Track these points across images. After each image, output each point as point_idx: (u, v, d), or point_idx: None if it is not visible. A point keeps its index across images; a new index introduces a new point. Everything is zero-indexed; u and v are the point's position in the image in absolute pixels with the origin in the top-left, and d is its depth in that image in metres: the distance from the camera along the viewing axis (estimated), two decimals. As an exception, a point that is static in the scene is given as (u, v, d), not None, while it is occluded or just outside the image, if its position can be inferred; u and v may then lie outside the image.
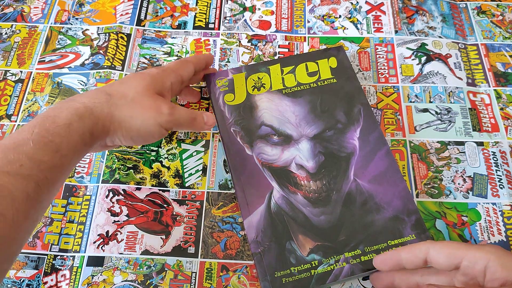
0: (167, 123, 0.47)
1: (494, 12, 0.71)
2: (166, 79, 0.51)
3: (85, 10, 0.71)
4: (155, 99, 0.48)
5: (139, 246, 0.53)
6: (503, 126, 0.60)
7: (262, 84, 0.59)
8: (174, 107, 0.49)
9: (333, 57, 0.61)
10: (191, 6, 0.72)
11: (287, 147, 0.54)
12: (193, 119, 0.51)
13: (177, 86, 0.53)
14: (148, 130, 0.47)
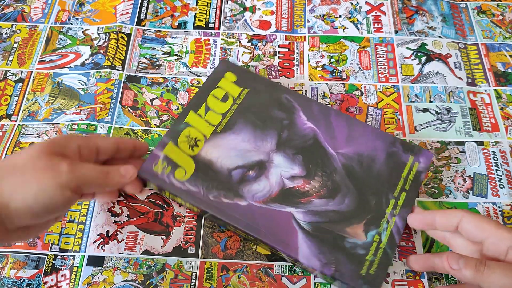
0: (69, 182, 0.41)
1: (494, 12, 0.71)
2: (71, 141, 0.45)
3: (85, 10, 0.71)
4: (51, 158, 0.41)
5: (139, 246, 0.53)
6: (503, 126, 0.60)
7: (194, 139, 0.55)
8: (77, 163, 0.43)
9: (228, 72, 0.59)
10: (191, 6, 0.72)
11: (267, 172, 0.53)
12: (105, 174, 0.45)
13: (88, 152, 0.47)
14: (47, 194, 0.40)
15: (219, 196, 0.51)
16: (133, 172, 0.48)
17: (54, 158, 0.41)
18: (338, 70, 0.65)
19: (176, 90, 0.63)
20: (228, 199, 0.51)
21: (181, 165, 0.53)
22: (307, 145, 0.54)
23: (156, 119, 0.61)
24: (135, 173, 0.48)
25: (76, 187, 0.41)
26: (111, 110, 0.61)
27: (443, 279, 0.51)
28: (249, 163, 0.53)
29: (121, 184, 0.47)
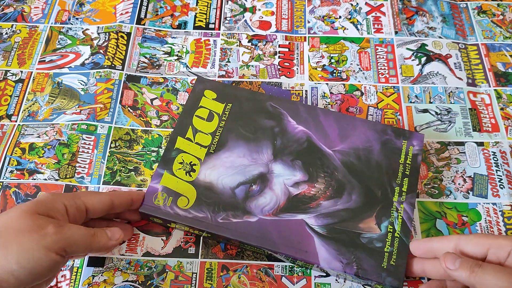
0: (55, 243, 0.38)
1: (495, 12, 0.71)
2: (57, 200, 0.43)
3: (85, 10, 0.71)
4: (36, 219, 0.39)
5: (140, 247, 0.53)
6: (503, 126, 0.60)
7: (190, 164, 0.53)
8: (63, 225, 0.40)
9: (206, 90, 0.58)
10: (191, 6, 0.72)
11: (270, 183, 0.52)
12: (91, 236, 0.43)
13: (76, 212, 0.44)
14: (32, 257, 0.37)
15: (228, 217, 0.50)
16: (119, 234, 0.46)
17: (40, 219, 0.39)
18: (338, 71, 0.65)
19: (176, 90, 0.63)
20: (237, 218, 0.50)
21: (182, 193, 0.52)
22: (303, 149, 0.54)
23: (156, 119, 0.61)
24: (121, 236, 0.46)
25: (61, 250, 0.39)
26: (111, 110, 0.61)
27: (443, 279, 0.51)
28: (250, 178, 0.52)
29: (108, 247, 0.45)
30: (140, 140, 0.59)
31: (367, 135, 0.55)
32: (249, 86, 0.63)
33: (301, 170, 0.53)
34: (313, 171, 0.53)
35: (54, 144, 0.59)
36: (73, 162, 0.57)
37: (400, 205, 0.51)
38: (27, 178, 0.56)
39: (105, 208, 0.47)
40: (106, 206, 0.47)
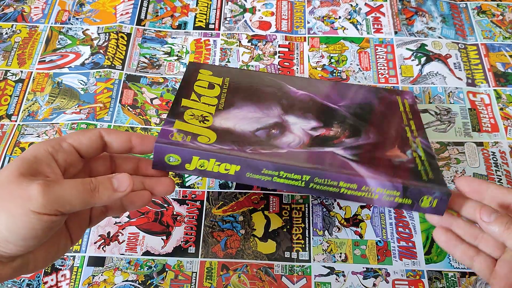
0: (44, 206, 0.34)
1: (494, 12, 0.71)
2: (41, 150, 0.38)
3: (86, 10, 0.71)
4: (19, 183, 0.35)
5: (140, 247, 0.53)
6: (502, 126, 0.60)
7: (201, 116, 0.50)
8: (52, 183, 0.35)
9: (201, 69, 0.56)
10: (192, 7, 0.72)
11: (289, 128, 0.51)
12: (89, 190, 0.36)
13: (66, 156, 0.39)
14: (21, 223, 0.34)
15: (256, 149, 0.46)
16: (127, 183, 0.38)
17: (24, 181, 0.35)
18: (338, 71, 0.65)
19: (176, 91, 0.63)
20: (266, 149, 0.47)
21: (200, 134, 0.47)
22: (309, 106, 0.54)
23: (156, 117, 0.61)
24: (130, 184, 0.38)
25: (54, 211, 0.34)
26: (110, 109, 0.61)
27: (443, 279, 0.51)
28: (268, 124, 0.51)
29: (115, 199, 0.38)
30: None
31: (364, 94, 0.58)
32: (249, 86, 0.64)
33: (314, 119, 0.53)
34: (326, 119, 0.53)
35: (54, 144, 0.59)
36: (73, 162, 0.57)
37: (415, 139, 0.52)
38: None
39: (96, 144, 0.41)
40: (96, 141, 0.41)
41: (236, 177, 0.45)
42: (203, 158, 0.44)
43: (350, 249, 0.53)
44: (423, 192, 0.44)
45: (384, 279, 0.51)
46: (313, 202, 0.55)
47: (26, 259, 0.37)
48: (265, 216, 0.54)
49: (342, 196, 0.45)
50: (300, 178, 0.45)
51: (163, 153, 0.44)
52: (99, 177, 0.38)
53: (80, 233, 0.42)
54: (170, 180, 0.45)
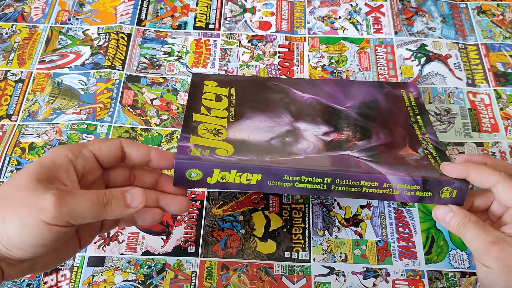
0: (55, 218, 0.34)
1: (495, 12, 0.71)
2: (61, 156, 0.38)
3: (86, 10, 0.72)
4: (35, 189, 0.35)
5: (140, 246, 0.53)
6: (503, 126, 0.60)
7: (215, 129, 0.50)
8: (66, 194, 0.35)
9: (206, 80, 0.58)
10: (192, 7, 0.72)
11: (302, 135, 0.52)
12: (102, 204, 0.36)
13: (85, 164, 0.39)
14: (31, 232, 0.34)
15: (274, 157, 0.47)
16: (141, 198, 0.38)
17: (39, 189, 0.35)
18: (338, 71, 0.65)
19: (176, 91, 0.63)
20: (285, 157, 0.48)
21: (217, 147, 0.47)
22: (317, 110, 0.56)
23: (156, 118, 0.61)
24: (143, 201, 0.38)
25: (65, 222, 0.34)
26: (111, 110, 0.61)
27: (443, 279, 0.51)
28: (280, 133, 0.52)
29: (126, 215, 0.38)
30: (140, 138, 0.59)
31: (369, 91, 0.59)
32: (249, 86, 0.64)
33: (324, 124, 0.54)
34: (336, 124, 0.54)
35: (54, 144, 0.59)
36: (73, 162, 0.57)
37: (424, 136, 0.53)
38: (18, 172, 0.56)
39: (116, 153, 0.41)
40: (116, 151, 0.41)
41: (258, 186, 0.45)
42: (224, 170, 0.44)
43: (350, 249, 0.53)
44: (442, 184, 0.45)
45: (384, 279, 0.51)
46: (313, 202, 0.55)
47: (35, 262, 0.38)
48: (265, 216, 0.54)
49: (365, 196, 0.46)
50: (321, 181, 0.45)
51: (184, 169, 0.44)
52: (113, 190, 0.37)
53: (90, 239, 0.43)
54: (185, 199, 0.45)
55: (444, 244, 0.53)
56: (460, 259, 0.52)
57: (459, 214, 0.43)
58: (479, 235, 0.41)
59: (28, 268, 0.37)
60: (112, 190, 0.37)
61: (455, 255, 0.52)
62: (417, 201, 0.46)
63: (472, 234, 0.41)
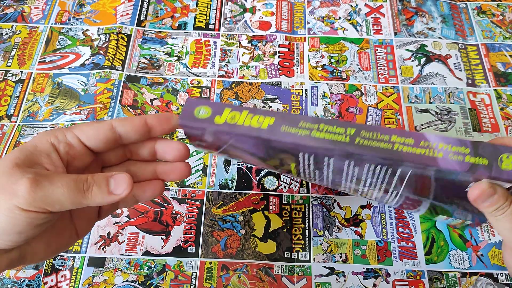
0: (29, 203, 0.32)
1: (495, 12, 0.71)
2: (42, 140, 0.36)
3: (86, 11, 0.72)
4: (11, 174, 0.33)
5: (140, 247, 0.53)
6: (503, 126, 0.60)
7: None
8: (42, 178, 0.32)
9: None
10: (191, 7, 0.72)
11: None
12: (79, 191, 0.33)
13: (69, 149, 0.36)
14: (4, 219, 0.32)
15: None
16: (125, 185, 0.34)
17: (16, 174, 0.32)
18: (338, 70, 0.65)
19: (176, 91, 0.63)
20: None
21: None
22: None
23: (156, 119, 0.61)
24: (129, 185, 0.35)
25: (41, 208, 0.32)
26: (110, 110, 0.61)
27: (443, 279, 0.51)
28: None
29: (109, 202, 0.34)
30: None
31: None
32: (249, 86, 0.63)
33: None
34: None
35: (54, 144, 0.59)
36: (73, 162, 0.57)
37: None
38: None
39: (105, 138, 0.37)
40: (107, 135, 0.37)
41: (269, 131, 0.38)
42: (235, 110, 0.39)
43: (350, 249, 0.53)
44: (500, 150, 0.35)
45: (384, 280, 0.51)
46: (313, 202, 0.55)
47: (23, 251, 0.35)
48: (265, 216, 0.54)
49: (399, 157, 0.36)
50: (343, 132, 0.38)
51: (193, 105, 0.39)
52: (96, 175, 0.34)
53: (87, 227, 0.40)
54: (185, 165, 0.41)
55: (444, 244, 0.53)
56: (461, 259, 0.52)
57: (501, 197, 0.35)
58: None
59: (16, 259, 0.35)
60: (96, 175, 0.34)
61: (455, 255, 0.52)
62: (469, 170, 0.35)
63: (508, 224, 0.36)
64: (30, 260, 0.36)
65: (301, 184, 0.56)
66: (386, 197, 0.45)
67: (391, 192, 0.42)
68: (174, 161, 0.41)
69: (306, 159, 0.41)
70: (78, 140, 0.37)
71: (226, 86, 0.64)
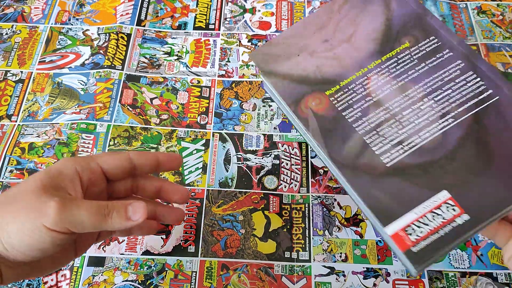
0: (56, 224, 0.35)
1: (495, 12, 0.71)
2: (68, 166, 0.39)
3: (86, 11, 0.72)
4: (39, 195, 0.36)
5: (139, 246, 0.53)
6: (503, 126, 0.60)
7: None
8: (69, 202, 0.36)
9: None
10: (192, 8, 0.72)
11: None
12: (102, 215, 0.37)
13: (91, 176, 0.41)
14: (31, 235, 0.35)
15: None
16: (142, 212, 0.38)
17: (44, 195, 0.36)
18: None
19: (176, 90, 0.63)
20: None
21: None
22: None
23: (156, 117, 0.61)
24: (144, 214, 0.38)
25: (65, 229, 0.35)
26: (110, 109, 0.61)
27: (443, 278, 0.51)
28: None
29: (126, 227, 0.38)
30: (139, 137, 0.59)
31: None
32: (249, 86, 0.64)
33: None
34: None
35: (53, 144, 0.59)
36: (73, 162, 0.57)
37: None
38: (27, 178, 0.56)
39: (123, 167, 0.42)
40: (124, 165, 0.42)
41: None
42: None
43: (351, 249, 0.53)
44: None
45: (385, 279, 0.51)
46: (313, 202, 0.55)
47: (32, 266, 0.39)
48: (265, 216, 0.54)
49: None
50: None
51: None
52: (115, 202, 0.38)
53: (85, 248, 0.44)
54: (181, 210, 0.47)
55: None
56: (460, 259, 0.52)
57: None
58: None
59: (25, 273, 0.38)
60: (114, 202, 0.38)
61: (455, 255, 0.52)
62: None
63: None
64: (35, 275, 0.40)
65: (301, 183, 0.56)
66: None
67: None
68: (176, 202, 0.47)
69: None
70: (100, 168, 0.41)
71: (226, 86, 0.64)
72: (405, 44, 0.49)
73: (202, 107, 0.62)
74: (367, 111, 0.46)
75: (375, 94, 0.47)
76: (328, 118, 0.46)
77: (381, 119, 0.45)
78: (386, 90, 0.47)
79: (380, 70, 0.48)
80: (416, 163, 0.42)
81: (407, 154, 0.43)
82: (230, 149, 0.59)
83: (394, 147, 0.44)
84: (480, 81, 0.45)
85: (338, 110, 0.47)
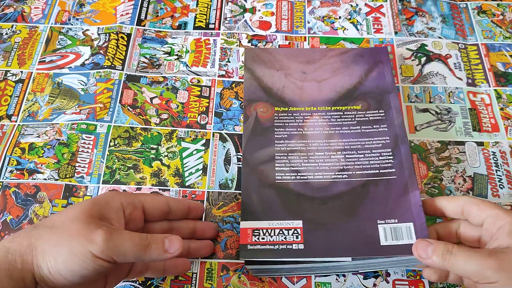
0: (102, 252, 0.37)
1: (495, 12, 0.71)
2: (115, 199, 0.43)
3: (86, 11, 0.71)
4: (87, 223, 0.38)
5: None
6: (503, 126, 0.60)
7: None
8: (114, 232, 0.39)
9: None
10: (192, 7, 0.72)
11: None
12: (143, 246, 0.40)
13: (133, 211, 0.44)
14: (78, 261, 0.37)
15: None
16: (178, 245, 0.41)
17: (92, 223, 0.38)
18: (338, 70, 0.65)
19: (176, 89, 0.63)
20: None
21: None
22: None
23: (156, 117, 0.61)
24: (180, 247, 0.41)
25: (109, 258, 0.38)
26: (110, 109, 0.61)
27: (444, 279, 0.51)
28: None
29: (163, 259, 0.41)
30: (139, 137, 0.59)
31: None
32: (249, 86, 0.63)
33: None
34: None
35: (53, 144, 0.59)
36: (73, 162, 0.57)
37: None
38: (27, 178, 0.56)
39: (161, 209, 0.47)
40: (162, 207, 0.47)
41: None
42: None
43: (350, 249, 0.52)
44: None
45: (385, 279, 0.51)
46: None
47: None
48: (265, 216, 0.54)
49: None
50: None
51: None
52: (154, 235, 0.41)
53: (115, 282, 0.45)
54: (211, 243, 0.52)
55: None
56: (461, 259, 0.52)
57: (440, 244, 0.42)
58: (471, 255, 0.40)
59: None
60: (153, 235, 0.41)
61: (456, 255, 0.52)
62: None
63: (464, 257, 0.40)
64: None
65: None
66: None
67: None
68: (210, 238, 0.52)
69: None
70: (141, 206, 0.45)
71: (226, 86, 0.63)
72: (357, 106, 0.57)
73: (202, 107, 0.62)
74: (292, 137, 0.55)
75: (307, 129, 0.55)
76: (263, 125, 0.56)
77: (297, 148, 0.54)
78: (316, 131, 0.55)
79: (324, 115, 0.56)
80: (296, 191, 0.51)
81: (295, 182, 0.51)
82: (230, 149, 0.59)
83: (290, 172, 0.52)
84: (392, 160, 0.52)
85: (274, 125, 0.56)
